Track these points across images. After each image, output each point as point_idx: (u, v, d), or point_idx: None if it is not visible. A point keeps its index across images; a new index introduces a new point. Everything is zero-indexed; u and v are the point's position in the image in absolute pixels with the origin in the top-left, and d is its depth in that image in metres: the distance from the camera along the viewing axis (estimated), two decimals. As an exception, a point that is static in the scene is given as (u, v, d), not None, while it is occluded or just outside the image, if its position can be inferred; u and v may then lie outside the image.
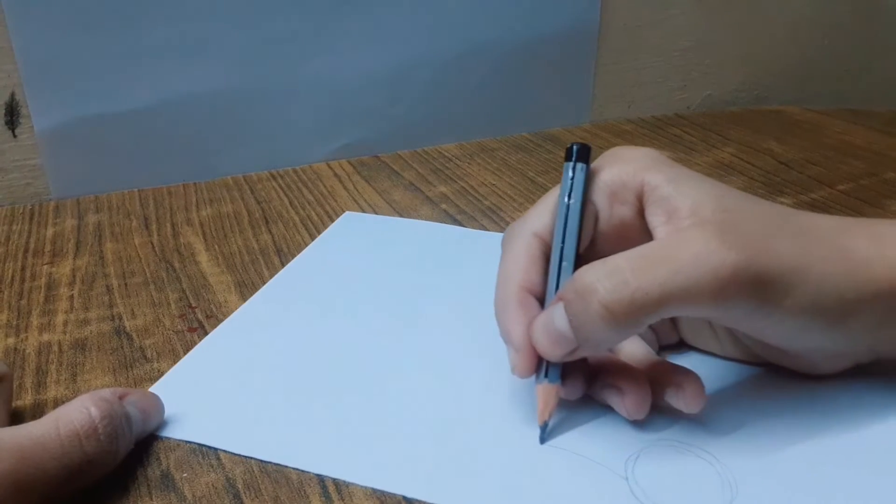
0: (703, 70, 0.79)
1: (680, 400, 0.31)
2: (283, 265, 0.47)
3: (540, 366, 0.31)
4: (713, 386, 0.34)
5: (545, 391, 0.31)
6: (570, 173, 0.33)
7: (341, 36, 0.63)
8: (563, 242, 0.32)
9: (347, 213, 0.54)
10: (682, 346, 0.37)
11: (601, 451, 0.31)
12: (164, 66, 0.59)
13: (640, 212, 0.33)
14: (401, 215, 0.53)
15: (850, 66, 0.86)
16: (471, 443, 0.32)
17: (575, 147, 0.33)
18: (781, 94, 0.84)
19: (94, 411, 0.28)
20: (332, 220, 0.52)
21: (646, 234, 0.32)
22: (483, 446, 0.31)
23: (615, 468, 0.30)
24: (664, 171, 0.32)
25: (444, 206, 0.55)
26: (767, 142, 0.66)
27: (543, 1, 0.69)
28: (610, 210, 0.33)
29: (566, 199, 0.32)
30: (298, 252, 0.48)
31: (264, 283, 0.45)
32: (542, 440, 0.31)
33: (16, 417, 0.34)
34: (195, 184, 0.60)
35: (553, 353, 0.30)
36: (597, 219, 0.33)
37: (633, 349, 0.34)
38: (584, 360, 0.32)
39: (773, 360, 0.35)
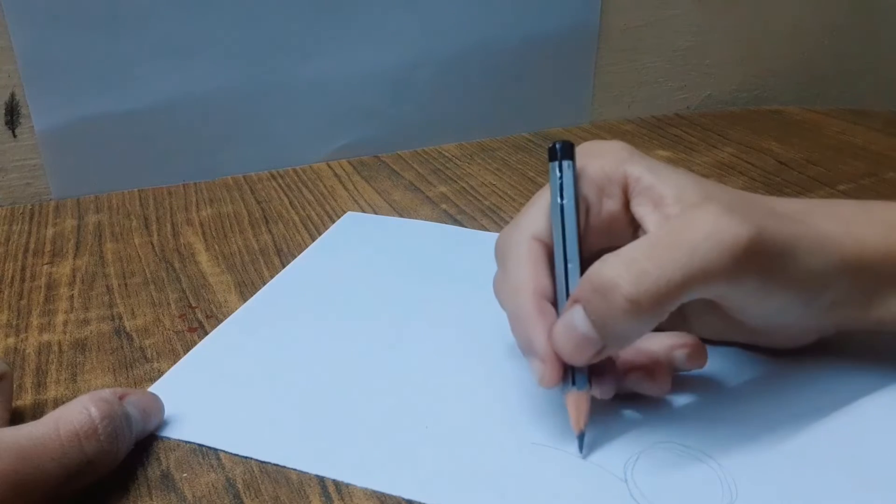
0: (703, 70, 0.79)
1: (687, 361, 0.32)
2: (283, 265, 0.47)
3: (566, 373, 0.30)
4: (713, 389, 0.34)
5: (576, 399, 0.30)
6: (559, 172, 0.33)
7: (342, 36, 0.63)
8: (564, 243, 0.31)
9: (349, 213, 0.53)
10: None
11: (600, 453, 0.31)
12: (164, 66, 0.59)
13: (626, 204, 0.33)
14: (401, 215, 0.53)
15: (850, 66, 0.86)
16: (471, 445, 0.32)
17: (558, 145, 0.33)
18: (781, 94, 0.84)
19: (94, 412, 0.28)
20: (333, 220, 0.52)
21: (632, 226, 0.33)
22: (483, 448, 0.31)
23: (614, 471, 0.30)
24: (641, 162, 0.33)
25: (444, 206, 0.55)
26: (767, 142, 0.66)
27: (543, 1, 0.69)
28: (599, 205, 0.33)
29: (559, 199, 0.32)
30: (298, 252, 0.48)
31: (264, 283, 0.45)
32: (582, 450, 0.30)
33: (16, 417, 0.34)
34: (195, 184, 0.60)
35: (579, 357, 0.29)
36: (587, 214, 0.33)
37: None
38: (609, 359, 0.31)
39: (740, 339, 0.36)
